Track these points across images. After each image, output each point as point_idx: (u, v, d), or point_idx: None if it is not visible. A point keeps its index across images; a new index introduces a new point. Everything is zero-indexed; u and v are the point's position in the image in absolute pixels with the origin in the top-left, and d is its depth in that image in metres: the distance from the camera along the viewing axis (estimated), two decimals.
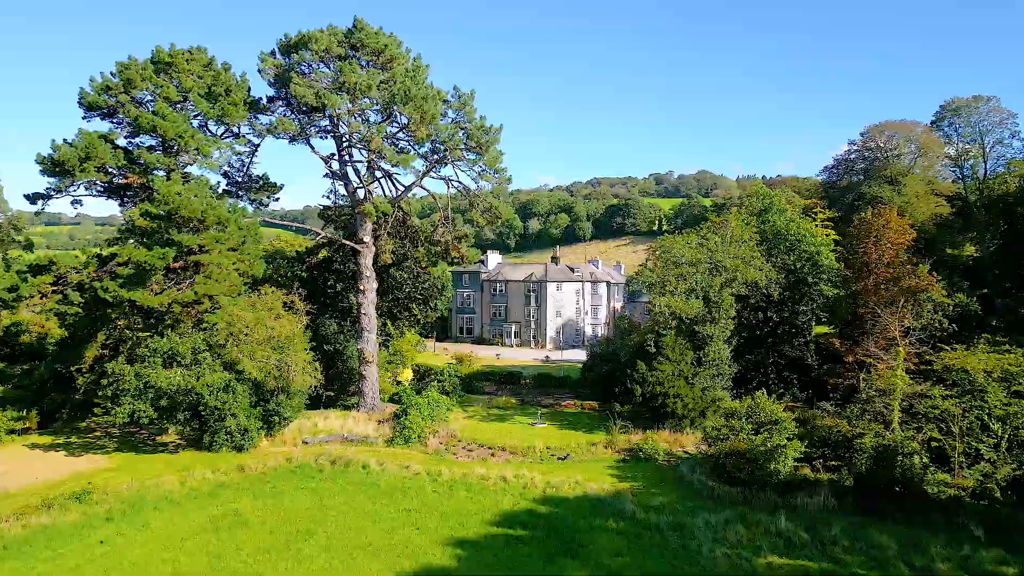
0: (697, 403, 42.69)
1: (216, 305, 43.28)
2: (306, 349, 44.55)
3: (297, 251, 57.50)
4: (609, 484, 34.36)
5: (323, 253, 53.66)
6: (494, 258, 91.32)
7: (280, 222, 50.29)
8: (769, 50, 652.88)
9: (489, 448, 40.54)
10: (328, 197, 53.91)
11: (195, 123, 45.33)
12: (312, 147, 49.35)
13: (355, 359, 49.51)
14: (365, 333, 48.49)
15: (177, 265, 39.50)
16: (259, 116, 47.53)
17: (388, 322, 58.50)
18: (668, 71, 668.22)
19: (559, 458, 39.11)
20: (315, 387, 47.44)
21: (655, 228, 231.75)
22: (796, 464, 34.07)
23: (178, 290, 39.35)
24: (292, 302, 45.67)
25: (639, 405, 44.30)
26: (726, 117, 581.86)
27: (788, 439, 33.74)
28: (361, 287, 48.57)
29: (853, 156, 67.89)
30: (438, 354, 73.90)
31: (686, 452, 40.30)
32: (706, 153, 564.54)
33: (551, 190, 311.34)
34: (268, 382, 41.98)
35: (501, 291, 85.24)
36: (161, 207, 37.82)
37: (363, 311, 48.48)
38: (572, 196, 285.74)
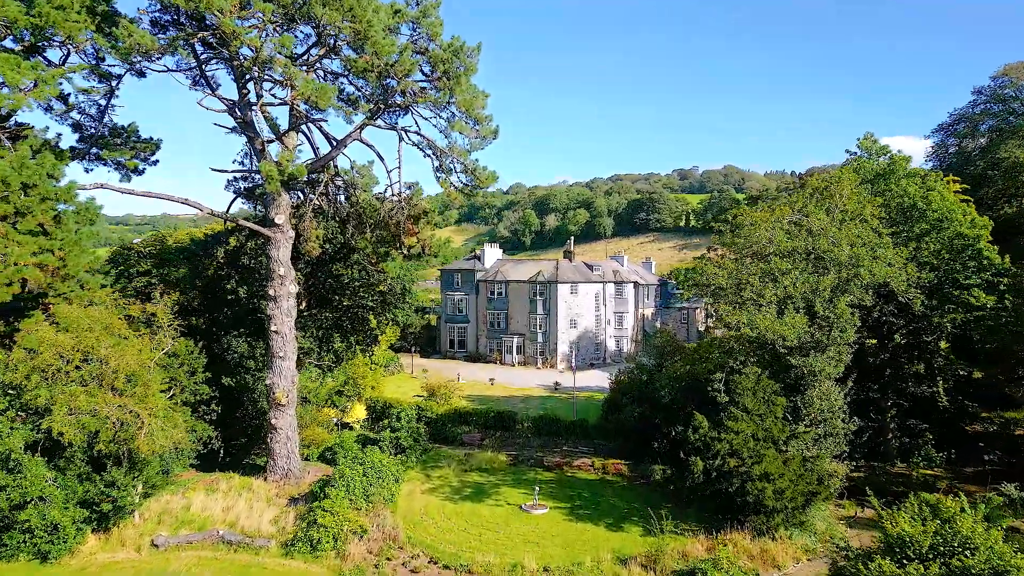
0: (796, 485, 25.63)
1: (52, 318, 27.93)
2: (165, 389, 28.55)
3: (193, 239, 41.22)
4: None
5: (233, 241, 37.47)
6: (492, 254, 72.85)
7: (156, 194, 33.56)
8: (780, 46, 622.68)
9: (446, 567, 23.90)
10: (242, 163, 37.78)
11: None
12: (211, 88, 33.62)
13: (265, 399, 33.32)
14: (276, 361, 32.20)
15: None
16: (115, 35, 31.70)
17: (336, 338, 42.29)
18: (678, 70, 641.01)
19: None
20: (210, 438, 31.56)
21: (682, 224, 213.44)
22: None
23: None
24: (153, 315, 29.65)
25: (699, 483, 27.31)
26: (744, 115, 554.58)
27: None
28: (271, 291, 32.26)
29: (978, 110, 49.92)
30: (416, 376, 57.27)
31: None
32: (729, 151, 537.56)
33: (570, 186, 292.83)
34: (99, 444, 26.06)
35: (500, 294, 67.91)
36: None
37: (273, 327, 32.17)
38: (592, 191, 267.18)
